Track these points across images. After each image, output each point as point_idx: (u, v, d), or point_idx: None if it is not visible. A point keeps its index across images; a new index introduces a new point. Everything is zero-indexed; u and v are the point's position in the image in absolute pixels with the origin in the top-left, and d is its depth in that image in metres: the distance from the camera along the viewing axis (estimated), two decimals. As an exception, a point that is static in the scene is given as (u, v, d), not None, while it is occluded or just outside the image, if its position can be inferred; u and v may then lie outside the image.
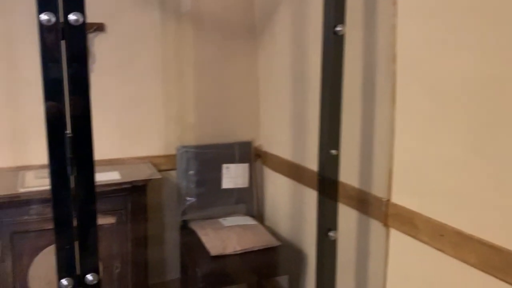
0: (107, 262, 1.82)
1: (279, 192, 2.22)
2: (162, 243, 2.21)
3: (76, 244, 1.02)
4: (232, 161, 2.22)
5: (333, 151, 1.30)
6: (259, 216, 2.34)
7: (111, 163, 2.03)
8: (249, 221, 2.12)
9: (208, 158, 2.17)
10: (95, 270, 1.04)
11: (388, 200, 1.43)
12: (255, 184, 2.32)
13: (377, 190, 1.49)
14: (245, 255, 1.85)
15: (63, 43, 0.93)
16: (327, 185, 1.32)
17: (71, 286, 1.02)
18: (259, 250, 1.88)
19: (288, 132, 2.08)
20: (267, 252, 1.90)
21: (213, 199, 2.18)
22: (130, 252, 1.87)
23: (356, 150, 1.57)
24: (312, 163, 1.89)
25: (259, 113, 2.36)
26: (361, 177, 1.57)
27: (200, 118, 2.23)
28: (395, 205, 1.40)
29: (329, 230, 1.34)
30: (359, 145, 1.56)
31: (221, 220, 2.11)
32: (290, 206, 2.11)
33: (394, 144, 1.40)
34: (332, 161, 1.31)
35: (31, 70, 1.86)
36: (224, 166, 2.20)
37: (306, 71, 1.89)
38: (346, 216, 1.59)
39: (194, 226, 2.07)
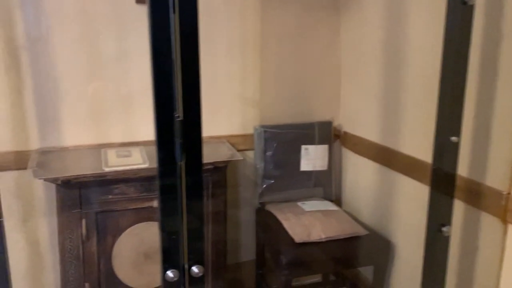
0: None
1: (361, 176, 2.09)
2: (238, 224, 2.16)
3: (183, 234, 0.95)
4: (311, 142, 2.10)
5: (454, 138, 1.15)
6: (337, 201, 2.22)
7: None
8: (329, 206, 2.01)
9: (286, 139, 2.07)
10: (201, 262, 0.98)
11: (509, 194, 1.27)
12: (334, 167, 2.19)
13: (494, 181, 1.32)
14: (330, 243, 1.74)
15: (174, 17, 0.84)
16: (443, 176, 1.18)
17: (176, 279, 0.96)
18: (344, 239, 1.77)
19: (375, 112, 1.92)
20: (352, 241, 1.78)
21: (291, 181, 2.08)
22: (210, 233, 1.82)
23: (468, 134, 1.40)
24: (404, 146, 1.73)
25: (340, 91, 2.21)
26: (472, 166, 1.40)
27: (278, 96, 2.12)
28: (518, 199, 1.24)
29: (443, 225, 1.20)
30: (473, 129, 1.39)
31: (299, 204, 2.02)
32: (375, 192, 1.98)
33: (520, 131, 1.23)
34: (451, 150, 1.16)
35: (111, 47, 1.82)
36: (303, 147, 2.09)
37: (401, 45, 1.71)
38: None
39: (272, 209, 1.99)
